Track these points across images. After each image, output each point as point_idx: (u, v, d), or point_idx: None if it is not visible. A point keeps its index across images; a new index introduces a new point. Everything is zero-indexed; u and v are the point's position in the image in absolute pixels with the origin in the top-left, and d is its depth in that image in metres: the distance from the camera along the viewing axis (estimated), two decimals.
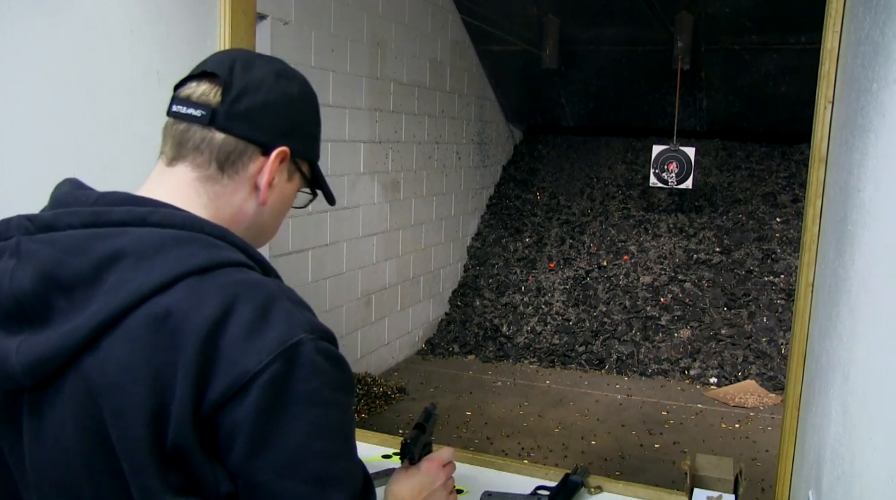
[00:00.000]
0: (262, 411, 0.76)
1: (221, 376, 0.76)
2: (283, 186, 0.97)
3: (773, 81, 5.30)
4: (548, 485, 1.55)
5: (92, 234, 0.81)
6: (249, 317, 0.78)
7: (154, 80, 1.70)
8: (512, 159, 6.56)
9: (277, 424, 0.77)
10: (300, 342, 0.78)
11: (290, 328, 0.78)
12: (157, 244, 0.80)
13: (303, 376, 0.78)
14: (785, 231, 5.32)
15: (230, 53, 0.97)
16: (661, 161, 5.14)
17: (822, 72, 1.47)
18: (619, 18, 5.21)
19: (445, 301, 5.61)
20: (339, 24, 3.94)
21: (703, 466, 1.46)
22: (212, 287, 0.79)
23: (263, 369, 0.76)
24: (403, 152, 4.72)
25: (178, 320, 0.77)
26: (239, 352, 0.76)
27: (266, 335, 0.77)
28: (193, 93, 0.91)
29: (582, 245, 5.72)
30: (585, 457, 3.55)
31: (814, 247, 1.50)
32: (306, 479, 0.78)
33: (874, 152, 0.99)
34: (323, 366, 0.79)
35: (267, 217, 0.97)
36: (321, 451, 0.79)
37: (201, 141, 0.90)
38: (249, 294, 0.80)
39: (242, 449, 0.77)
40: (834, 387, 1.14)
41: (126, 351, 0.77)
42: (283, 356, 0.77)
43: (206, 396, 0.76)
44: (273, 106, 0.93)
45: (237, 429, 0.76)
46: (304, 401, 0.78)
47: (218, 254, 0.82)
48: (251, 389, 0.75)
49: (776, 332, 4.81)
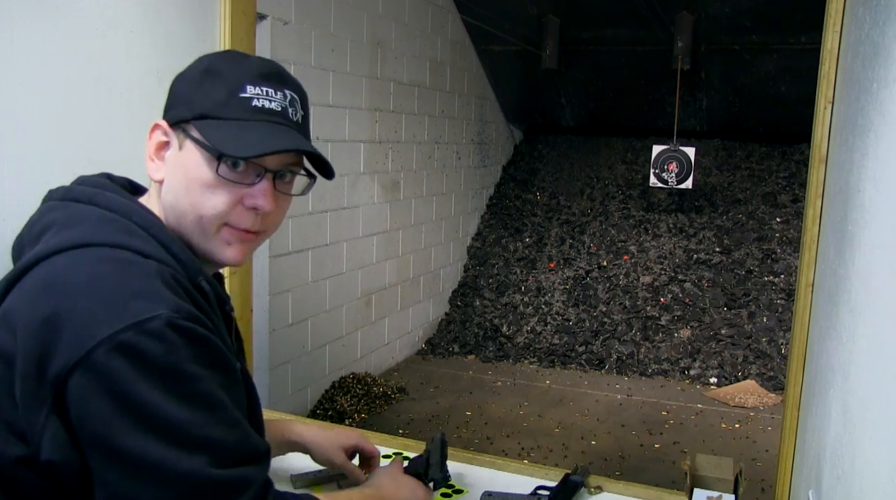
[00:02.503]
0: (111, 378, 0.77)
1: (67, 340, 0.78)
2: (175, 158, 0.96)
3: (773, 81, 5.30)
4: (548, 485, 1.55)
5: (54, 205, 0.94)
6: (112, 287, 0.81)
7: (154, 80, 1.70)
8: (512, 159, 6.56)
9: (128, 390, 0.77)
10: (157, 316, 0.80)
11: (151, 303, 0.81)
12: (77, 219, 0.89)
13: (157, 349, 0.79)
14: (785, 231, 5.32)
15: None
16: (661, 161, 5.14)
17: (822, 72, 1.47)
18: (619, 18, 5.21)
19: (445, 301, 5.61)
20: (339, 24, 3.94)
21: (703, 466, 1.46)
22: (90, 258, 0.84)
23: (111, 337, 0.77)
24: (403, 152, 4.72)
25: (45, 283, 0.83)
26: (91, 320, 0.78)
27: (124, 306, 0.80)
28: None
29: (582, 245, 5.72)
30: (585, 457, 3.55)
31: (814, 247, 1.50)
32: (168, 440, 0.78)
33: (874, 152, 0.99)
34: (180, 342, 0.80)
35: (171, 195, 0.96)
36: (182, 418, 0.79)
37: None
38: (120, 269, 0.84)
39: (95, 415, 0.78)
40: (834, 387, 1.14)
41: (12, 301, 0.85)
42: (136, 327, 0.78)
43: (51, 358, 0.78)
44: (171, 88, 0.99)
45: (87, 395, 0.77)
46: (160, 371, 0.79)
47: (123, 238, 0.88)
48: (95, 354, 0.77)
49: (776, 332, 4.81)
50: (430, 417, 4.06)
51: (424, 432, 3.80)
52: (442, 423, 3.98)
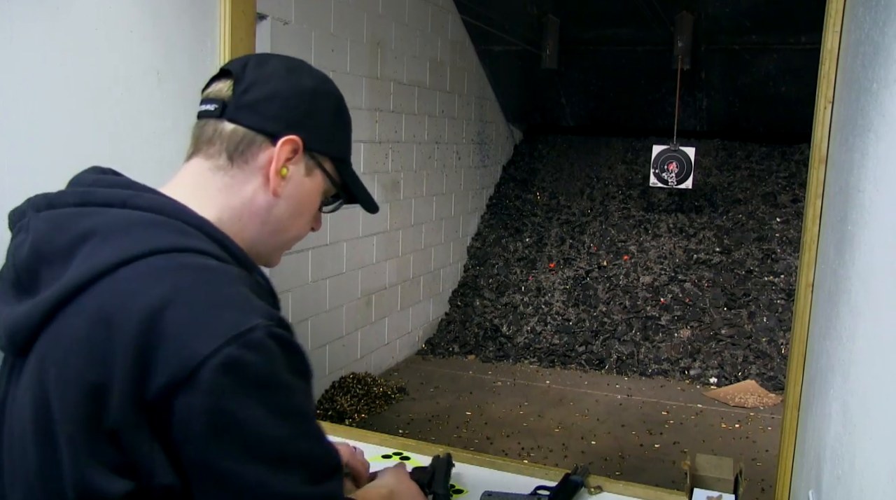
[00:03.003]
0: (216, 396, 0.74)
1: (168, 359, 0.74)
2: (300, 179, 0.97)
3: (773, 81, 5.29)
4: (548, 485, 1.55)
5: (77, 212, 0.85)
6: (201, 298, 0.77)
7: (154, 80, 1.70)
8: (512, 159, 6.56)
9: (234, 410, 0.75)
10: (255, 327, 0.76)
11: (244, 313, 0.77)
12: (126, 225, 0.82)
13: (258, 361, 0.76)
14: (785, 231, 5.32)
15: (249, 55, 1.00)
16: (661, 161, 5.14)
17: (822, 72, 1.47)
18: (619, 18, 5.21)
19: (445, 301, 5.61)
20: (339, 24, 3.94)
21: (703, 466, 1.46)
22: (165, 268, 0.79)
23: (214, 353, 0.74)
24: (403, 152, 4.72)
25: (124, 297, 0.77)
26: (187, 335, 0.75)
27: (219, 318, 0.76)
28: (211, 91, 0.95)
29: (582, 245, 5.72)
30: (585, 457, 3.55)
31: (814, 247, 1.50)
32: (266, 460, 0.77)
33: (874, 152, 0.99)
34: (277, 352, 0.78)
35: (284, 212, 0.97)
36: (280, 434, 0.78)
37: (213, 133, 0.93)
38: (203, 277, 0.79)
39: (200, 435, 0.75)
40: (834, 387, 1.14)
41: (75, 325, 0.77)
42: (237, 340, 0.75)
43: (150, 379, 0.74)
44: (281, 97, 0.94)
45: (192, 415, 0.74)
46: (261, 386, 0.76)
47: (184, 240, 0.82)
48: (201, 373, 0.73)
49: (776, 332, 4.81)
50: (430, 417, 4.06)
51: (424, 432, 3.80)
52: (442, 423, 3.98)
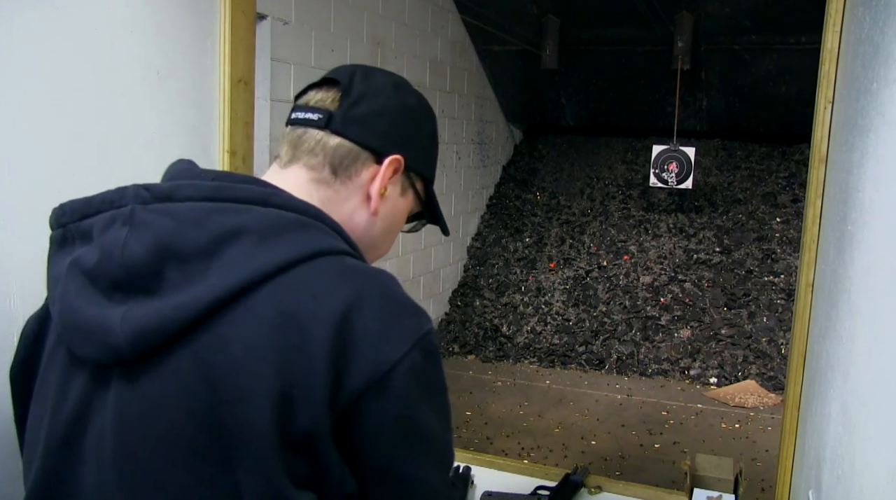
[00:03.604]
0: (407, 401, 0.76)
1: (360, 363, 0.73)
2: (395, 199, 0.96)
3: (773, 81, 5.30)
4: (548, 485, 1.55)
5: (212, 207, 0.78)
6: (382, 305, 0.77)
7: (154, 80, 1.70)
8: (512, 159, 6.56)
9: (421, 416, 0.78)
10: (430, 332, 0.79)
11: (419, 319, 0.79)
12: (279, 225, 0.78)
13: (434, 365, 0.79)
14: (785, 231, 5.32)
15: (353, 65, 0.98)
16: (661, 161, 5.14)
17: (822, 72, 1.47)
18: (619, 18, 5.21)
19: (445, 301, 5.61)
20: (339, 24, 3.94)
21: (703, 466, 1.46)
22: (337, 270, 0.78)
23: (403, 358, 0.75)
24: None
25: (308, 300, 0.74)
26: (377, 340, 0.75)
27: (401, 324, 0.77)
28: (312, 99, 0.92)
29: (582, 245, 5.72)
30: (585, 457, 3.55)
31: (814, 247, 1.50)
32: (439, 464, 0.81)
33: (874, 152, 0.99)
34: (438, 356, 0.81)
35: (378, 231, 0.95)
36: (448, 439, 0.82)
37: (316, 144, 0.90)
38: (377, 282, 0.79)
39: (387, 439, 0.76)
40: (834, 387, 1.14)
41: (250, 331, 0.72)
42: (418, 346, 0.76)
43: (343, 384, 0.73)
44: (390, 114, 0.92)
45: (382, 419, 0.75)
46: (437, 389, 0.81)
47: (336, 243, 0.82)
48: (392, 378, 0.74)
49: (776, 332, 4.81)
50: None
51: None
52: None
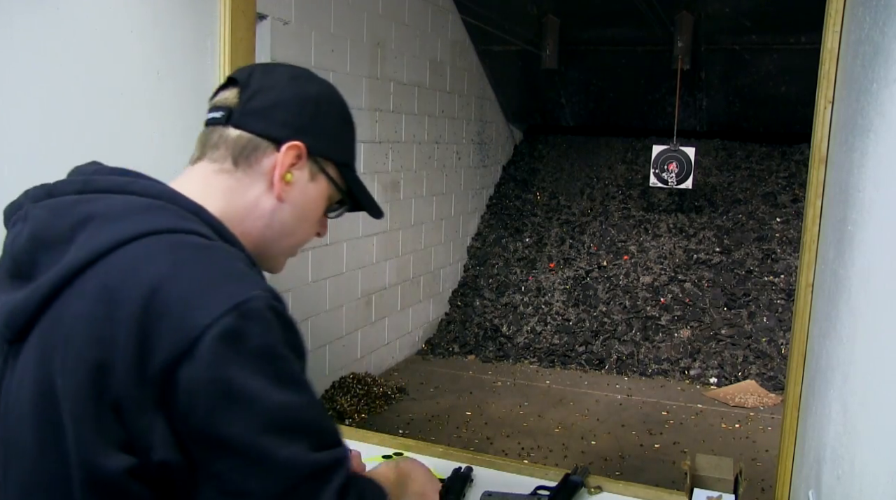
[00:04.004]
0: (218, 365, 0.75)
1: (170, 331, 0.76)
2: (304, 185, 0.99)
3: (773, 81, 5.29)
4: (548, 485, 1.55)
5: (77, 199, 0.87)
6: (200, 272, 0.79)
7: (154, 80, 1.70)
8: (512, 159, 6.56)
9: (236, 378, 0.76)
10: (254, 297, 0.78)
11: (243, 284, 0.79)
12: (125, 209, 0.85)
13: (258, 331, 0.77)
14: (785, 231, 5.32)
15: (255, 64, 1.04)
16: (661, 161, 5.14)
17: (822, 72, 1.47)
18: (619, 18, 5.21)
19: (445, 301, 5.61)
20: (339, 24, 3.94)
21: (703, 466, 1.46)
22: (164, 246, 0.81)
23: (213, 323, 0.75)
24: (403, 152, 4.72)
25: (124, 275, 0.79)
26: (188, 307, 0.76)
27: (218, 290, 0.78)
28: (217, 100, 0.99)
29: (582, 245, 5.72)
30: (585, 457, 3.55)
31: (814, 247, 1.50)
32: (269, 427, 0.77)
33: (874, 152, 0.99)
34: (276, 323, 0.80)
35: (288, 216, 0.99)
36: (283, 401, 0.79)
37: (219, 138, 0.96)
38: (201, 254, 0.81)
39: (204, 405, 0.76)
40: (834, 387, 1.14)
41: (76, 306, 0.79)
42: (235, 310, 0.76)
43: (153, 353, 0.76)
44: (286, 103, 0.97)
45: (195, 385, 0.75)
46: (261, 354, 0.78)
47: (181, 222, 0.84)
48: (202, 343, 0.75)
49: (776, 332, 4.81)
50: (430, 417, 4.06)
51: (424, 432, 3.80)
52: (442, 423, 3.98)
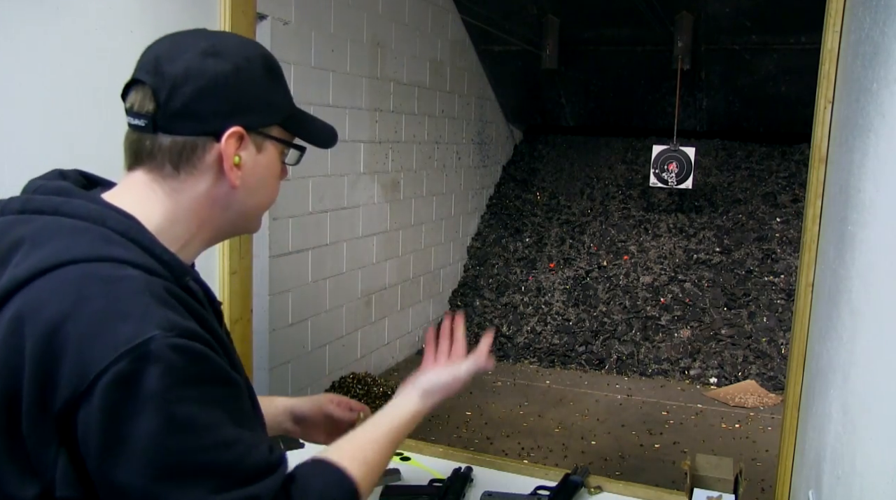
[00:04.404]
0: (108, 413, 0.74)
1: (67, 373, 0.75)
2: (253, 161, 0.95)
3: (773, 81, 5.29)
4: (548, 485, 1.55)
5: (15, 219, 0.87)
6: (100, 311, 0.77)
7: None
8: (512, 159, 6.56)
9: (125, 426, 0.75)
10: (151, 339, 0.76)
11: (141, 325, 0.77)
12: (51, 233, 0.83)
13: (152, 374, 0.75)
14: (785, 231, 5.32)
15: (153, 49, 0.94)
16: (661, 161, 5.14)
17: (822, 72, 1.47)
18: (619, 18, 5.21)
19: (445, 301, 5.61)
20: (339, 24, 3.94)
21: (703, 466, 1.46)
22: (72, 279, 0.79)
23: (107, 369, 0.74)
24: (403, 152, 4.72)
25: (33, 308, 0.78)
26: (84, 349, 0.75)
27: (115, 331, 0.76)
28: (134, 103, 0.92)
29: (582, 245, 5.72)
30: (585, 457, 3.55)
31: (814, 247, 1.50)
32: (162, 474, 0.76)
33: (874, 152, 0.99)
34: (177, 362, 0.77)
35: (245, 195, 0.96)
36: (176, 448, 0.76)
37: (152, 148, 0.92)
38: (106, 288, 0.79)
39: (96, 451, 0.75)
40: (834, 387, 1.14)
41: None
42: (130, 354, 0.75)
43: (55, 392, 0.75)
44: (208, 91, 0.90)
45: (89, 430, 0.75)
46: (154, 400, 0.75)
47: (103, 248, 0.82)
48: (96, 388, 0.74)
49: (776, 332, 4.81)
50: (430, 417, 4.03)
51: (424, 432, 3.80)
52: (442, 423, 3.98)
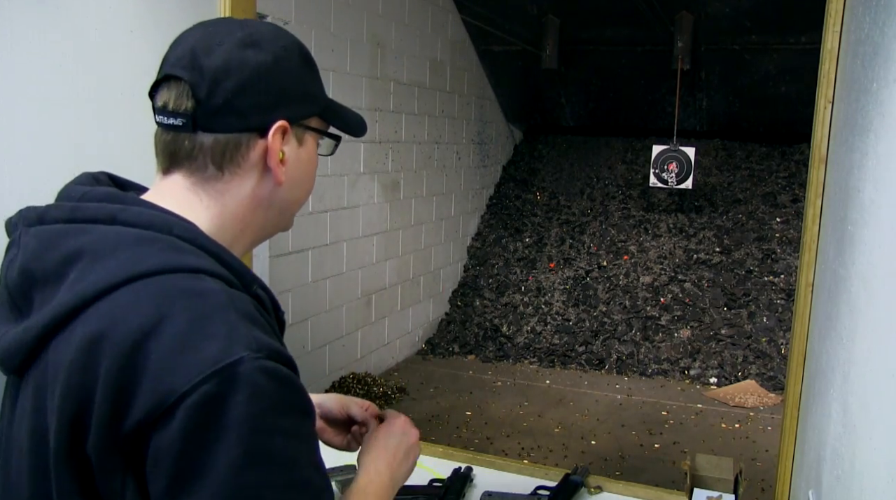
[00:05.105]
0: (189, 437, 0.69)
1: (146, 392, 0.70)
2: (296, 155, 0.91)
3: (773, 81, 5.30)
4: (548, 485, 1.55)
5: (65, 229, 0.81)
6: (184, 328, 0.72)
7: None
8: (512, 159, 6.56)
9: (205, 452, 0.70)
10: (239, 361, 0.71)
11: (229, 344, 0.71)
12: (114, 244, 0.78)
13: (240, 399, 0.70)
14: (785, 231, 5.32)
15: (186, 41, 0.89)
16: (661, 161, 5.14)
17: (822, 72, 1.47)
18: (619, 18, 5.21)
19: (445, 301, 5.61)
20: (339, 24, 3.94)
21: (703, 466, 1.46)
22: (151, 293, 0.74)
23: (192, 390, 0.69)
24: (403, 152, 4.72)
25: (108, 326, 0.73)
26: (167, 368, 0.70)
27: (200, 351, 0.71)
28: (168, 102, 0.86)
29: (582, 245, 5.72)
30: (585, 457, 3.55)
31: (814, 247, 1.50)
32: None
33: (874, 152, 0.99)
34: (266, 388, 0.72)
35: (288, 192, 0.92)
36: (255, 483, 0.71)
37: (192, 148, 0.86)
38: (190, 303, 0.74)
39: (165, 478, 0.70)
40: (834, 387, 1.14)
41: (63, 352, 0.75)
42: (217, 376, 0.70)
43: (128, 413, 0.71)
44: (250, 85, 0.85)
45: (162, 455, 0.70)
46: (239, 427, 0.70)
47: (175, 258, 0.78)
48: (177, 411, 0.69)
49: (776, 332, 4.81)
50: (430, 417, 4.06)
51: (424, 432, 3.79)
52: (442, 423, 3.98)
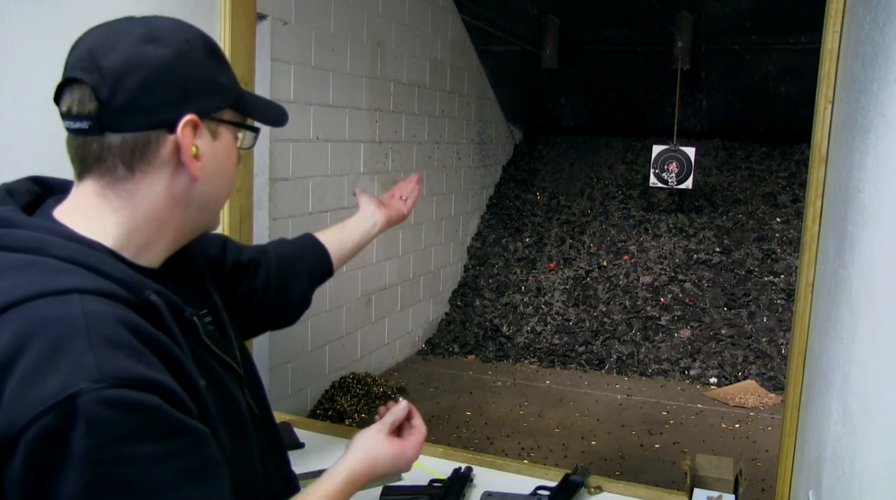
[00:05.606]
0: (30, 470, 0.69)
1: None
2: (210, 148, 0.90)
3: (773, 81, 5.30)
4: (548, 485, 1.55)
5: None
6: (34, 362, 0.71)
7: None
8: (512, 159, 6.56)
9: (48, 486, 0.69)
10: (77, 394, 0.69)
11: (69, 378, 0.70)
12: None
13: (79, 433, 0.69)
14: (785, 231, 5.32)
15: (84, 43, 0.88)
16: (661, 161, 5.14)
17: (822, 72, 1.47)
18: (619, 18, 5.21)
19: (445, 301, 5.61)
20: (339, 24, 3.93)
21: (703, 466, 1.46)
22: (15, 325, 0.73)
23: (30, 423, 0.69)
24: (403, 152, 4.72)
25: None
26: (14, 402, 0.70)
27: (43, 385, 0.70)
28: (72, 106, 0.85)
29: (582, 245, 5.72)
30: (585, 457, 3.55)
31: (814, 247, 1.50)
32: None
33: (874, 152, 0.99)
34: (108, 419, 0.70)
35: (206, 188, 0.91)
36: None
37: (100, 150, 0.86)
38: (46, 333, 0.73)
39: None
40: (834, 387, 1.14)
41: None
42: (55, 409, 0.69)
43: None
44: (153, 81, 0.84)
45: (9, 488, 0.70)
46: (80, 460, 0.69)
47: (46, 281, 0.77)
48: (19, 445, 0.69)
49: (776, 332, 4.81)
50: (430, 417, 4.06)
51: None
52: (442, 423, 3.98)
